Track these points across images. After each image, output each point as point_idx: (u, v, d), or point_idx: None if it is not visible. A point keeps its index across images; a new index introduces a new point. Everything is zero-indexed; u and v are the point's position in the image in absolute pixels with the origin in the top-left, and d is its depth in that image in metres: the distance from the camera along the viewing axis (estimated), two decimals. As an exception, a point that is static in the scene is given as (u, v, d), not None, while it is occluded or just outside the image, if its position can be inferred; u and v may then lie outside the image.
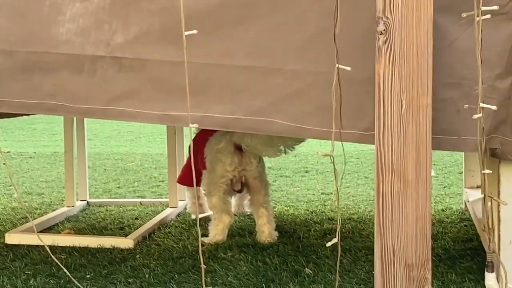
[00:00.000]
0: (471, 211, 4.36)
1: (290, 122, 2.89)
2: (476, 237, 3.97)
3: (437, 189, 5.65)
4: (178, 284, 3.28)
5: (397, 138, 2.59)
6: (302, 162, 7.43)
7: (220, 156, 4.07)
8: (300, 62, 2.86)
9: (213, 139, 4.11)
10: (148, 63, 2.99)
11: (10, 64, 3.10)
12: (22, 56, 3.09)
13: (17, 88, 3.09)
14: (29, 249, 3.89)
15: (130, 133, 11.13)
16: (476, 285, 3.14)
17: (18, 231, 4.21)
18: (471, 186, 4.89)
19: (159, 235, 4.23)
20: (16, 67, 3.09)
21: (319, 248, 3.83)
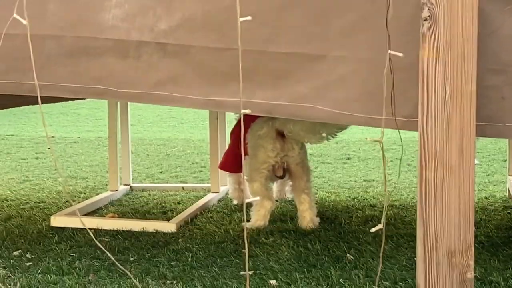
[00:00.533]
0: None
1: (333, 108, 2.89)
2: (520, 225, 3.96)
3: (480, 176, 5.62)
4: (220, 268, 3.31)
5: (440, 124, 2.58)
6: (344, 149, 7.42)
7: (262, 142, 4.09)
8: (344, 49, 2.86)
9: (255, 125, 4.13)
10: (192, 49, 3.00)
11: (58, 49, 3.13)
12: (69, 41, 3.12)
13: (65, 72, 3.13)
14: (74, 231, 3.94)
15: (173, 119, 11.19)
16: (519, 273, 3.13)
17: (63, 214, 4.27)
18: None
19: (201, 219, 4.27)
20: (64, 52, 3.13)
21: (360, 235, 3.84)
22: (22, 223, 4.22)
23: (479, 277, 3.07)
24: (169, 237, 3.87)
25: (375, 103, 2.76)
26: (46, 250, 3.64)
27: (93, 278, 3.20)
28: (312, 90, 2.90)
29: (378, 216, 4.29)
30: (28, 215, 4.42)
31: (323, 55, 2.88)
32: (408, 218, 4.22)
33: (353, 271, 3.22)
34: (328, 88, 2.88)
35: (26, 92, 3.15)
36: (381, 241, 2.85)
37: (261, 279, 3.15)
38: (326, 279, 3.13)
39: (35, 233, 3.96)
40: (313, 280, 3.12)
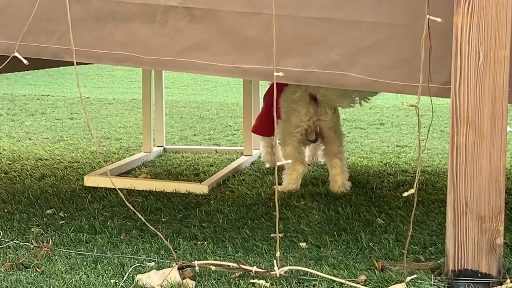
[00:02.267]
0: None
1: (366, 75, 2.87)
2: (552, 193, 3.93)
3: (514, 144, 5.59)
4: (251, 229, 3.34)
5: (473, 90, 2.57)
6: (377, 115, 7.40)
7: (296, 106, 4.09)
8: (378, 14, 2.83)
9: (289, 89, 4.13)
10: (220, 14, 2.98)
11: (83, 13, 3.10)
12: (96, 4, 3.09)
13: (90, 37, 3.10)
14: (107, 191, 3.99)
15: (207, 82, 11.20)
16: (550, 241, 3.12)
17: (96, 174, 4.32)
18: (549, 142, 4.83)
19: (233, 182, 4.29)
20: (90, 16, 3.10)
21: (391, 199, 3.84)
22: (55, 182, 4.27)
23: (509, 243, 3.07)
24: (201, 199, 3.90)
25: (410, 70, 2.75)
26: (79, 209, 3.69)
27: (125, 237, 3.24)
28: (345, 57, 2.88)
29: (409, 181, 4.28)
30: (62, 175, 4.47)
31: (357, 21, 2.86)
32: (440, 184, 4.21)
33: (383, 235, 3.23)
34: (361, 55, 2.86)
35: (49, 56, 3.14)
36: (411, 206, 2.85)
37: (291, 242, 3.17)
38: (356, 243, 3.14)
39: (68, 192, 4.02)
40: (343, 243, 3.14)
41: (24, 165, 4.77)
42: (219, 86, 10.76)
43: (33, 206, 3.73)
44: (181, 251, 3.05)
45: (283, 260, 2.88)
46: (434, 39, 2.69)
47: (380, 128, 6.59)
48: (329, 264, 2.88)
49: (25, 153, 5.20)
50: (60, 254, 3.01)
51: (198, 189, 4.06)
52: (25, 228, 3.36)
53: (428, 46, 2.59)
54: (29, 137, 6.03)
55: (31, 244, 3.09)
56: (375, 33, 2.86)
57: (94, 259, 2.96)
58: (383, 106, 7.89)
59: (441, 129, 6.37)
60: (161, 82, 5.33)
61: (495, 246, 2.62)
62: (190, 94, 9.82)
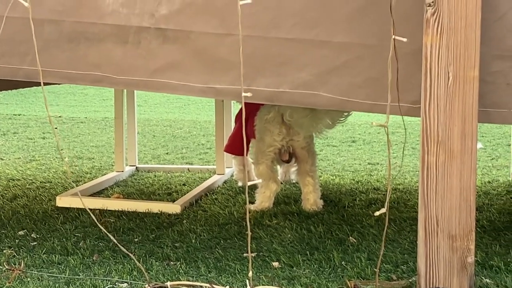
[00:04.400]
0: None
1: (337, 95, 2.89)
2: (522, 210, 3.97)
3: (484, 161, 5.63)
4: (223, 249, 3.34)
5: (443, 109, 2.60)
6: (349, 132, 7.43)
7: (269, 126, 4.11)
8: (348, 35, 2.86)
9: (263, 110, 4.16)
10: (192, 35, 2.99)
11: (57, 34, 3.11)
12: (68, 26, 3.10)
13: (63, 58, 3.11)
14: (79, 212, 3.97)
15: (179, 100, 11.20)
16: (520, 258, 3.15)
17: (69, 195, 4.30)
18: (519, 159, 4.87)
19: (206, 201, 4.29)
20: (63, 37, 3.11)
21: (363, 218, 3.86)
22: (28, 202, 4.25)
23: (480, 262, 3.09)
24: (174, 219, 3.90)
25: (380, 89, 2.78)
26: (51, 230, 3.67)
27: (97, 258, 3.23)
28: (315, 76, 2.90)
29: (381, 199, 4.31)
30: (34, 195, 4.45)
31: (327, 41, 2.88)
32: (411, 201, 4.24)
33: (355, 254, 3.24)
34: (332, 75, 2.88)
35: (23, 77, 3.14)
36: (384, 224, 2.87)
37: (264, 261, 3.18)
38: (328, 262, 3.15)
39: (40, 213, 4.00)
40: (316, 262, 3.15)
41: (-5, 186, 4.74)
42: (192, 104, 10.76)
43: (5, 228, 3.70)
44: (153, 271, 3.05)
45: (255, 280, 2.88)
46: (403, 59, 2.72)
47: (352, 146, 6.61)
48: (301, 283, 2.89)
49: (-4, 174, 5.18)
50: (32, 276, 3.00)
51: (170, 208, 4.06)
52: (-3, 250, 3.35)
53: (395, 66, 2.61)
54: (1, 157, 5.99)
55: (3, 267, 3.07)
56: (346, 53, 2.88)
57: (66, 281, 2.94)
58: (355, 123, 7.93)
59: (413, 147, 6.41)
60: (133, 101, 5.32)
61: (466, 264, 2.64)
62: (162, 112, 9.81)
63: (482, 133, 7.09)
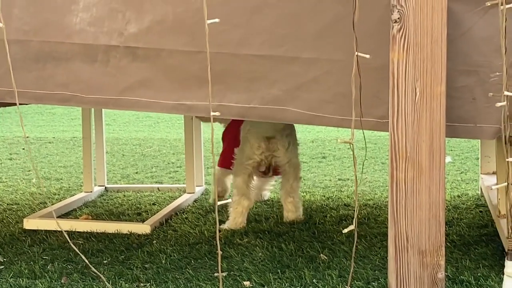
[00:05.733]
0: (487, 197, 4.36)
1: (306, 110, 2.90)
2: (491, 223, 3.98)
3: (453, 175, 5.65)
4: (194, 269, 3.31)
5: (411, 125, 2.60)
6: (319, 148, 7.44)
7: (250, 137, 4.12)
8: (316, 50, 2.87)
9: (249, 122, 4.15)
10: (162, 53, 2.99)
11: (23, 54, 3.10)
12: (35, 45, 3.09)
13: (30, 78, 3.09)
14: (47, 234, 3.93)
15: (149, 118, 11.17)
16: (490, 271, 3.15)
17: (36, 217, 4.26)
18: (487, 172, 4.89)
19: (176, 220, 4.27)
20: (29, 57, 3.09)
21: (334, 234, 3.85)
22: (-5, 225, 4.20)
23: (451, 277, 3.09)
24: (144, 239, 3.86)
25: (348, 104, 2.77)
26: (18, 253, 3.62)
27: (66, 281, 3.19)
28: (285, 92, 2.91)
29: (352, 215, 4.30)
30: (1, 218, 4.40)
31: (296, 57, 2.89)
32: (382, 217, 4.24)
33: (326, 271, 3.23)
34: (301, 90, 2.90)
35: None
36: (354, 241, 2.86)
37: (235, 281, 3.15)
38: (299, 280, 3.13)
39: (7, 236, 3.95)
40: (287, 281, 3.13)
41: (-38, 209, 4.68)
42: (161, 122, 10.73)
43: (-29, 251, 3.66)
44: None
45: (227, 300, 2.86)
46: (370, 74, 2.73)
47: (322, 162, 6.62)
48: (273, 302, 2.87)
49: (-37, 196, 5.12)
50: (-1, 300, 2.95)
51: (140, 229, 4.02)
52: (-37, 274, 3.30)
53: (358, 81, 2.61)
54: (-33, 179, 5.93)
55: (-31, 291, 3.02)
56: (314, 68, 2.89)
57: (34, 304, 2.91)
58: (325, 139, 7.95)
59: (382, 161, 6.43)
60: (101, 120, 5.29)
61: (437, 280, 2.64)
62: (131, 131, 9.77)
63: (451, 147, 7.13)
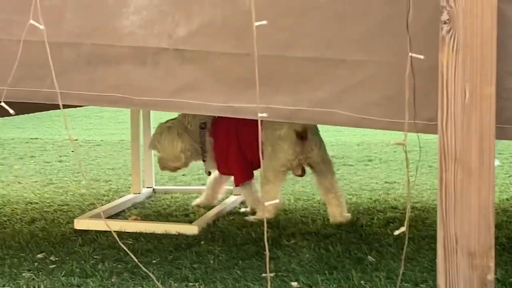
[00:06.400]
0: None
1: (353, 113, 2.90)
2: (541, 227, 3.95)
3: (502, 178, 5.61)
4: (242, 270, 3.33)
5: (460, 127, 2.59)
6: (366, 151, 7.42)
7: (282, 143, 4.12)
8: (364, 52, 2.87)
9: (274, 124, 4.13)
10: (210, 55, 3.02)
11: (75, 57, 3.14)
12: (87, 48, 3.13)
13: (81, 80, 3.14)
14: (97, 234, 3.98)
15: (195, 122, 11.20)
16: (540, 275, 3.13)
17: (87, 217, 4.31)
18: (537, 176, 4.85)
19: (223, 222, 4.29)
20: (81, 60, 3.14)
21: (382, 237, 3.85)
22: (46, 226, 4.26)
23: (500, 279, 3.08)
24: (192, 240, 3.90)
25: (396, 107, 2.77)
26: (69, 253, 3.68)
27: (116, 280, 3.23)
28: (332, 94, 2.91)
29: (399, 218, 4.29)
30: (52, 218, 4.46)
31: (343, 60, 2.89)
32: (430, 220, 4.23)
33: (374, 273, 3.23)
34: (348, 93, 2.90)
35: (42, 100, 3.17)
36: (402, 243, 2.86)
37: (283, 281, 3.17)
38: (347, 281, 3.14)
39: (58, 236, 4.01)
40: (335, 282, 3.14)
41: (14, 209, 4.75)
42: (207, 125, 10.76)
43: (23, 251, 3.71)
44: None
45: (275, 300, 2.88)
46: (419, 76, 2.72)
47: (369, 165, 6.60)
48: (321, 303, 2.89)
49: (14, 197, 5.19)
50: (51, 298, 3.01)
51: (188, 230, 4.06)
52: (16, 273, 3.35)
53: (412, 83, 2.61)
54: (19, 180, 6.01)
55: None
56: (361, 71, 2.89)
57: (85, 303, 2.95)
58: (370, 142, 7.92)
59: (429, 165, 6.39)
60: (149, 123, 5.34)
61: (486, 282, 2.62)
62: (178, 134, 9.80)
63: (500, 150, 7.06)
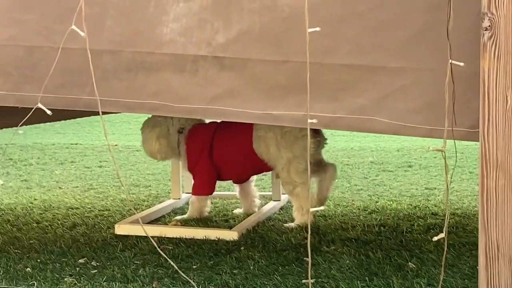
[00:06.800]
0: None
1: (394, 120, 2.89)
2: None
3: (543, 184, 5.56)
4: (282, 276, 3.34)
5: (502, 133, 2.58)
6: (405, 157, 7.39)
7: (301, 141, 4.22)
8: (404, 59, 2.86)
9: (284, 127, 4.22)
10: (249, 62, 3.03)
11: (115, 64, 3.17)
12: (127, 56, 3.15)
13: (121, 87, 3.16)
14: (138, 239, 4.01)
15: (234, 127, 11.25)
16: None
17: (127, 222, 4.35)
18: None
19: (263, 227, 4.30)
20: (121, 67, 3.16)
21: (422, 243, 3.83)
22: (87, 231, 4.30)
23: (542, 287, 3.05)
24: (231, 245, 3.91)
25: (437, 114, 2.76)
26: (110, 258, 3.71)
27: (157, 285, 3.25)
28: (372, 101, 2.91)
29: (440, 224, 4.27)
30: (93, 223, 4.50)
31: (383, 66, 2.89)
32: (470, 226, 4.20)
33: (415, 280, 3.22)
34: (388, 100, 2.89)
35: (82, 107, 3.20)
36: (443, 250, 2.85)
37: (323, 287, 3.17)
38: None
39: (99, 241, 4.04)
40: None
41: (55, 215, 4.80)
42: (246, 131, 10.79)
43: (65, 256, 3.75)
44: (213, 298, 3.07)
45: (315, 307, 2.88)
46: (461, 83, 2.71)
47: (408, 171, 6.58)
48: (361, 309, 2.88)
49: (56, 202, 5.25)
50: (93, 303, 3.03)
51: (228, 235, 4.07)
52: (58, 278, 3.39)
53: (452, 90, 2.60)
54: (59, 186, 6.08)
55: (65, 294, 3.11)
56: (402, 78, 2.88)
57: (127, 308, 2.97)
58: (410, 148, 7.89)
59: (470, 171, 6.35)
60: (189, 129, 5.36)
61: (528, 289, 2.61)
62: (217, 140, 9.84)
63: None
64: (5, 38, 3.21)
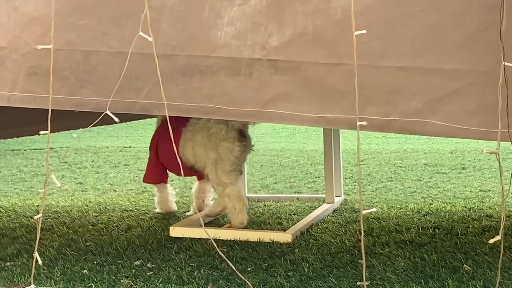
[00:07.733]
0: None
1: (448, 122, 2.88)
2: None
3: None
4: (336, 278, 3.34)
5: (559, 135, 2.56)
6: (459, 159, 7.33)
7: (226, 144, 4.27)
8: (459, 61, 2.84)
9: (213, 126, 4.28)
10: (302, 65, 3.03)
11: (170, 68, 3.20)
12: (182, 60, 3.18)
13: (177, 91, 3.19)
14: (192, 241, 4.04)
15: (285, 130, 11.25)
16: None
17: (182, 225, 4.38)
18: None
19: (317, 230, 4.30)
20: (176, 71, 3.19)
21: (477, 245, 3.80)
22: (142, 233, 4.34)
23: None
24: (285, 248, 3.92)
25: (493, 116, 2.74)
26: (166, 260, 3.74)
27: (212, 287, 3.27)
28: (426, 104, 2.89)
29: (495, 226, 4.24)
30: (148, 225, 4.55)
31: (438, 69, 2.87)
32: (526, 228, 4.16)
33: (470, 282, 3.20)
34: (443, 102, 2.87)
35: (139, 111, 3.24)
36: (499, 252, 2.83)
37: (378, 290, 3.17)
38: (443, 290, 3.12)
39: (155, 243, 4.08)
40: (430, 291, 3.12)
41: (110, 217, 4.86)
42: (298, 133, 10.80)
43: (121, 258, 3.80)
44: (268, 300, 3.08)
45: (370, 309, 2.88)
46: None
47: (462, 173, 6.52)
48: (417, 312, 2.87)
49: (110, 205, 5.31)
50: (150, 305, 3.06)
51: (282, 237, 4.09)
52: (115, 279, 3.43)
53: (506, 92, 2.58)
54: (114, 188, 6.15)
55: (121, 296, 3.15)
56: (456, 80, 2.87)
57: (183, 309, 3.00)
58: (464, 150, 7.82)
59: (525, 172, 6.28)
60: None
61: None
62: (269, 142, 9.86)
63: None
64: (62, 43, 3.27)
